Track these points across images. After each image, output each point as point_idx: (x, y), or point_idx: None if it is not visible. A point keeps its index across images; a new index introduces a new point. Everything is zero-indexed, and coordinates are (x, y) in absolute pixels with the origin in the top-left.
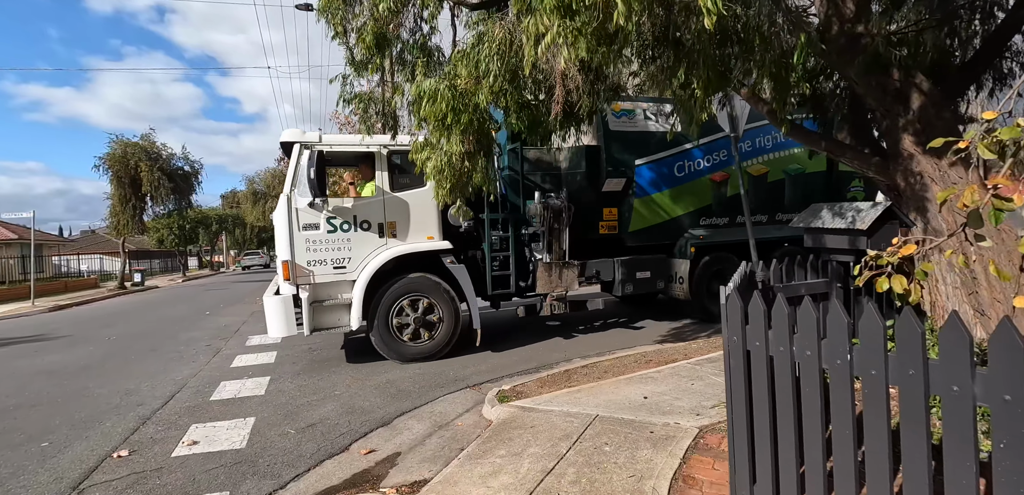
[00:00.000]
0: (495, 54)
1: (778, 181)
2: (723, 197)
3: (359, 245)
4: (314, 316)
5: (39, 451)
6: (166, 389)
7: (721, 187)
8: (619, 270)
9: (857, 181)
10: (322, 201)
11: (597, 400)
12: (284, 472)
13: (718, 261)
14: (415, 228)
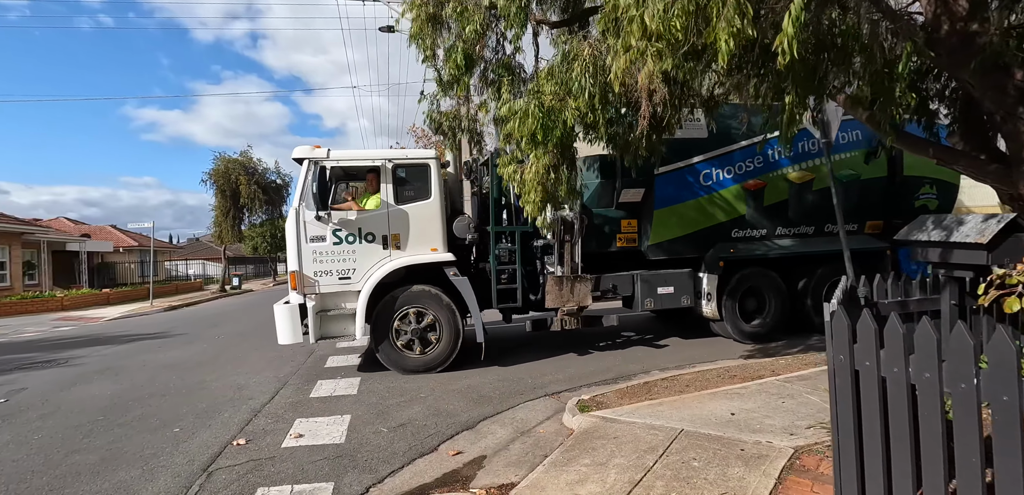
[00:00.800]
0: (585, 72)
1: (825, 189)
2: (760, 207)
3: (363, 257)
4: (320, 325)
5: (172, 436)
6: (271, 385)
7: (756, 196)
8: (639, 285)
9: (928, 188)
10: (326, 213)
11: (681, 414)
12: (380, 467)
13: (753, 277)
14: (419, 240)
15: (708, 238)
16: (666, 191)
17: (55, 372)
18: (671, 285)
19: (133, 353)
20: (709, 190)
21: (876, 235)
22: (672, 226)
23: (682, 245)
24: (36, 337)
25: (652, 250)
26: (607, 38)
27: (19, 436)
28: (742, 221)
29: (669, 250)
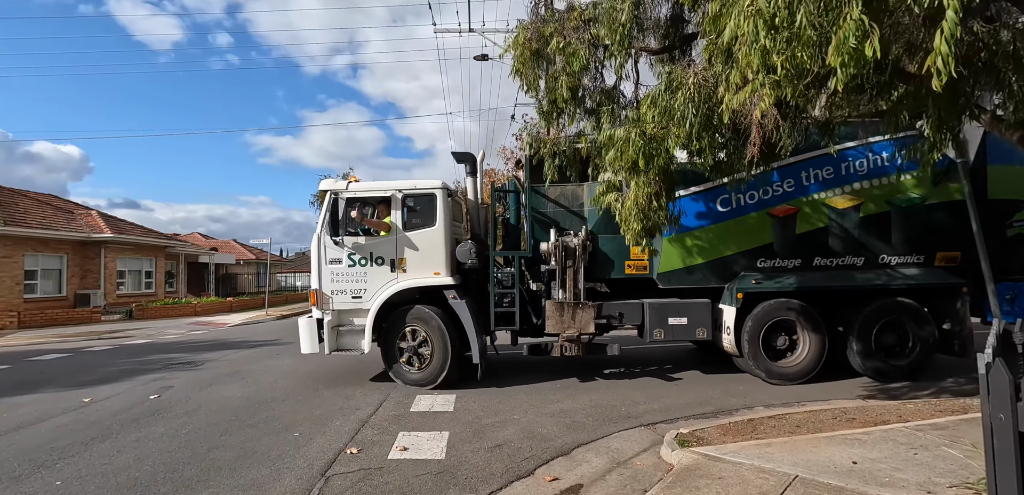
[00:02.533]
0: (689, 101)
1: (878, 214)
2: (792, 235)
3: (374, 278)
4: (336, 338)
5: (293, 440)
6: (374, 397)
7: (786, 223)
8: (648, 313)
9: None
10: (340, 239)
11: (794, 458)
12: (480, 487)
13: (780, 309)
14: (424, 264)
15: (728, 267)
16: (674, 218)
17: (194, 373)
18: (684, 316)
19: (255, 358)
20: (726, 217)
21: (951, 268)
22: (683, 254)
23: (697, 274)
24: (176, 339)
25: (662, 278)
26: (714, 65)
27: (170, 430)
28: (769, 250)
29: (682, 279)
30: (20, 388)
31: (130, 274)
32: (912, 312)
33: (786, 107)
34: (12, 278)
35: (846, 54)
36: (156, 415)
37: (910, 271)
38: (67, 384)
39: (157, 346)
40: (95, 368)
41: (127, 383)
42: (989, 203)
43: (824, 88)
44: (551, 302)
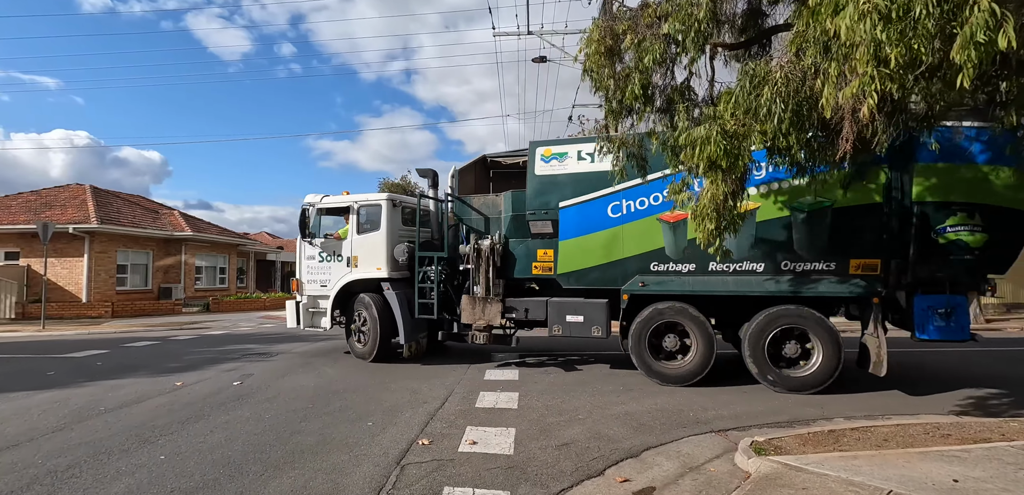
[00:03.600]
0: (776, 96)
1: (778, 219)
2: (682, 240)
3: (335, 271)
4: (310, 318)
5: (367, 428)
6: (440, 392)
7: (676, 229)
8: (549, 311)
9: (962, 217)
10: (310, 240)
11: (885, 473)
12: (551, 484)
13: (669, 312)
14: (370, 261)
15: (622, 270)
16: (570, 224)
17: (269, 363)
18: (581, 314)
19: (322, 352)
20: (618, 222)
21: (871, 277)
22: (577, 257)
23: (593, 275)
24: (249, 332)
25: (562, 278)
26: (805, 59)
27: (255, 414)
28: (661, 254)
29: (580, 279)
30: (120, 371)
31: (206, 270)
32: (818, 322)
33: (883, 101)
34: (107, 271)
35: (973, 47)
36: (240, 400)
37: (814, 279)
38: (159, 369)
39: (233, 337)
40: (181, 356)
41: (211, 370)
42: (916, 206)
43: (936, 79)
44: (466, 296)
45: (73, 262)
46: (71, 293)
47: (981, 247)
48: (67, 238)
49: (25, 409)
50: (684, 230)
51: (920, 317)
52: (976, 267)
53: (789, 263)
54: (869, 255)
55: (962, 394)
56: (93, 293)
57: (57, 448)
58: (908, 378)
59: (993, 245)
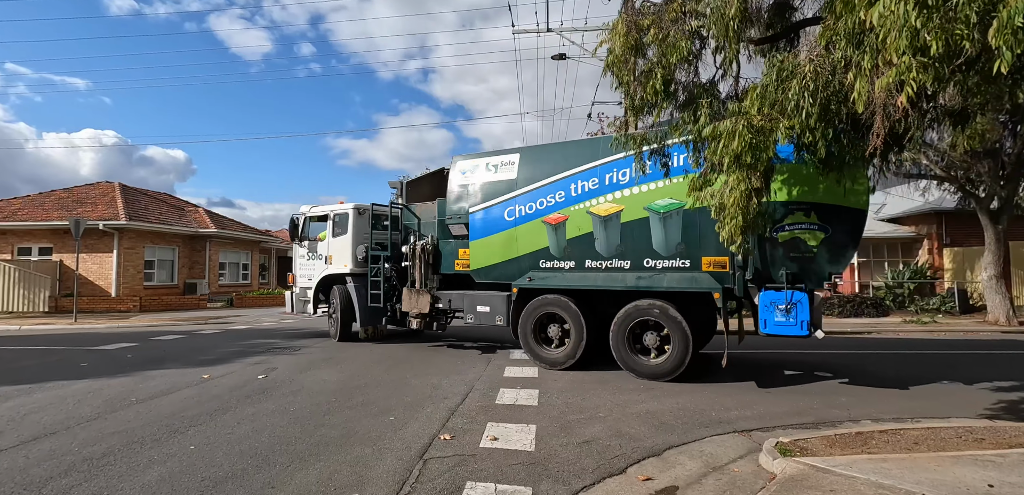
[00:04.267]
0: (805, 90)
1: (638, 220)
2: (563, 240)
3: (317, 267)
4: (301, 305)
5: (390, 423)
6: (460, 388)
7: (558, 230)
8: (465, 302)
9: (804, 216)
10: (300, 242)
11: (917, 477)
12: (573, 481)
13: (549, 304)
14: (340, 260)
15: (518, 266)
16: (477, 226)
17: (293, 357)
18: (488, 305)
19: (344, 347)
20: (512, 225)
21: (720, 274)
22: (482, 255)
23: (497, 271)
24: (271, 327)
25: (474, 274)
26: (835, 51)
27: (280, 407)
28: (547, 253)
29: (487, 275)
30: (149, 363)
31: (229, 266)
32: (667, 315)
33: (918, 95)
34: (135, 267)
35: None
36: (265, 393)
37: (668, 275)
38: (187, 362)
39: (256, 332)
40: (208, 349)
41: (237, 363)
42: (763, 206)
43: (973, 71)
44: (405, 288)
45: (103, 258)
46: (101, 288)
47: (819, 244)
48: (97, 234)
49: (61, 399)
50: (564, 231)
51: (764, 312)
52: (815, 264)
53: (651, 261)
54: (718, 254)
55: (994, 398)
56: (122, 288)
57: (92, 436)
58: (934, 381)
59: (830, 243)
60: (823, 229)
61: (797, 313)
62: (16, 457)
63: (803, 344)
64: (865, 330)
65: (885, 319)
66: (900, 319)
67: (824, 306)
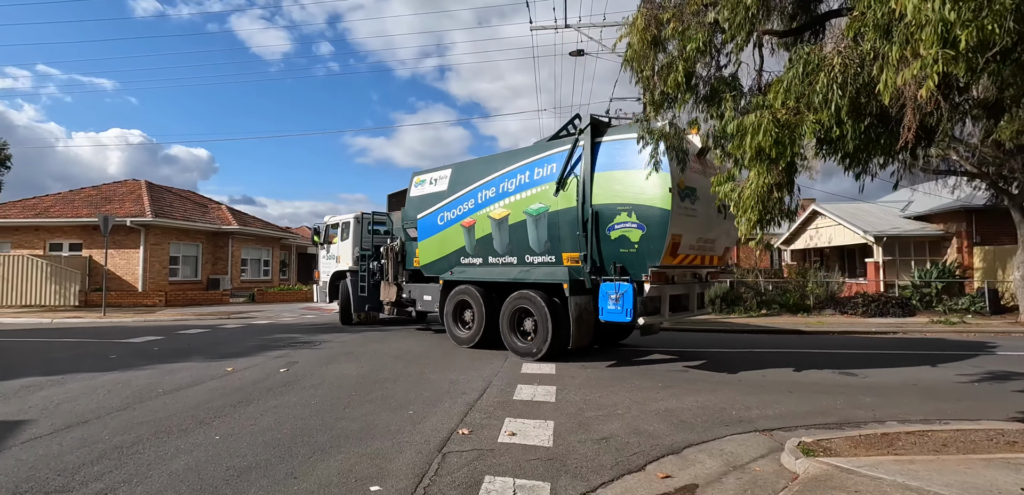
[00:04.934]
0: (833, 83)
1: (519, 222)
2: (473, 240)
3: (331, 265)
4: (323, 296)
5: (409, 417)
6: (478, 384)
7: (470, 232)
8: (416, 292)
9: (626, 216)
10: (322, 245)
11: (945, 479)
12: (591, 477)
13: (461, 294)
14: (345, 259)
15: (449, 262)
16: (422, 230)
17: (313, 352)
18: (430, 294)
19: (363, 342)
20: (443, 227)
21: (576, 268)
22: (426, 254)
23: (435, 267)
24: (292, 322)
25: (423, 269)
26: (864, 43)
27: (301, 399)
28: (467, 252)
29: (431, 270)
30: (175, 356)
31: (251, 262)
32: (535, 303)
33: (948, 86)
34: (160, 262)
35: None
36: (287, 386)
37: (538, 269)
38: (211, 355)
39: (277, 327)
40: (230, 343)
41: (259, 357)
42: (597, 208)
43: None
44: (383, 282)
45: (130, 253)
46: (128, 282)
47: (639, 240)
48: (124, 231)
49: (92, 389)
50: (474, 233)
51: (601, 300)
52: (637, 257)
53: (529, 257)
54: (573, 251)
55: None
56: (148, 283)
57: (122, 425)
58: (963, 382)
59: (646, 238)
60: (640, 227)
61: (623, 302)
62: (50, 444)
63: (824, 342)
64: (890, 330)
65: (911, 319)
66: (927, 319)
67: (657, 300)
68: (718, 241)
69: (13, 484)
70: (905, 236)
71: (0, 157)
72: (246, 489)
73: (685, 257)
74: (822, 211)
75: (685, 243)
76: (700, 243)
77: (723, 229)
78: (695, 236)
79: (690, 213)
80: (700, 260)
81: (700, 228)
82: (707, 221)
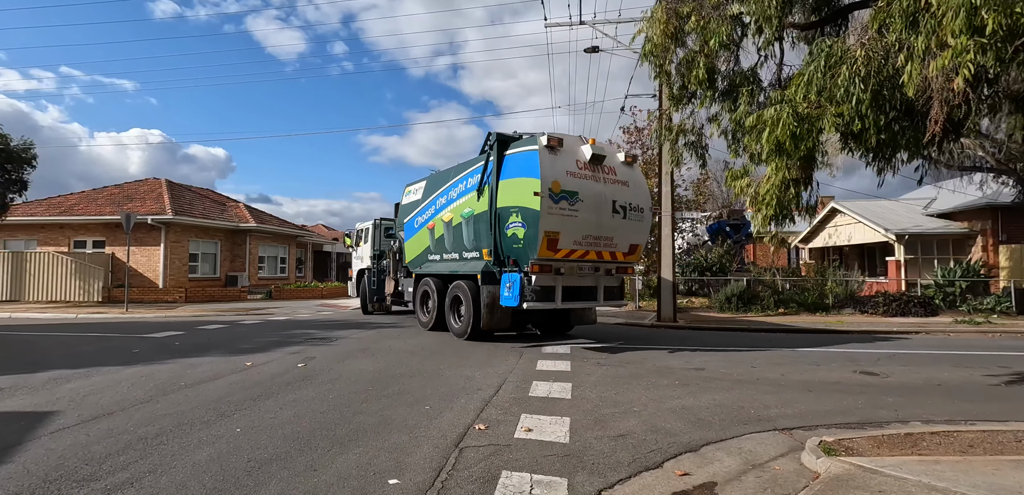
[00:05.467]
0: (856, 76)
1: (458, 224)
2: (434, 239)
3: (359, 262)
4: (354, 291)
5: (425, 412)
6: (493, 380)
7: (432, 233)
8: (404, 284)
9: (516, 217)
10: (355, 247)
11: (972, 480)
12: (608, 474)
13: (426, 284)
14: (366, 259)
15: (423, 259)
16: (406, 231)
17: (330, 347)
18: (412, 287)
19: (378, 338)
20: (418, 230)
21: (489, 261)
22: (409, 253)
23: (415, 263)
24: (308, 318)
25: (408, 266)
26: (889, 35)
27: (319, 394)
28: (430, 250)
29: (412, 266)
30: (196, 351)
31: (268, 259)
32: (464, 291)
33: (977, 79)
34: (180, 260)
35: None
36: (305, 381)
37: (468, 263)
38: (230, 350)
39: (294, 323)
40: (249, 338)
41: (277, 352)
42: (499, 210)
43: None
44: (387, 277)
45: (151, 251)
46: (149, 279)
47: (524, 236)
48: (145, 228)
49: (117, 382)
50: (434, 234)
51: (502, 289)
52: (523, 252)
53: (466, 254)
54: (486, 247)
55: None
56: (168, 279)
57: (146, 418)
58: (989, 383)
59: (528, 236)
60: (523, 226)
61: (513, 290)
62: (78, 434)
63: (843, 342)
64: (912, 330)
65: (934, 319)
66: (950, 319)
67: (550, 290)
68: (618, 239)
69: (44, 472)
70: (928, 234)
71: (27, 157)
72: (267, 480)
73: (571, 252)
74: (841, 209)
75: (566, 240)
76: (588, 240)
77: (624, 228)
78: (580, 233)
79: (568, 213)
80: (595, 255)
81: (585, 227)
82: (595, 220)
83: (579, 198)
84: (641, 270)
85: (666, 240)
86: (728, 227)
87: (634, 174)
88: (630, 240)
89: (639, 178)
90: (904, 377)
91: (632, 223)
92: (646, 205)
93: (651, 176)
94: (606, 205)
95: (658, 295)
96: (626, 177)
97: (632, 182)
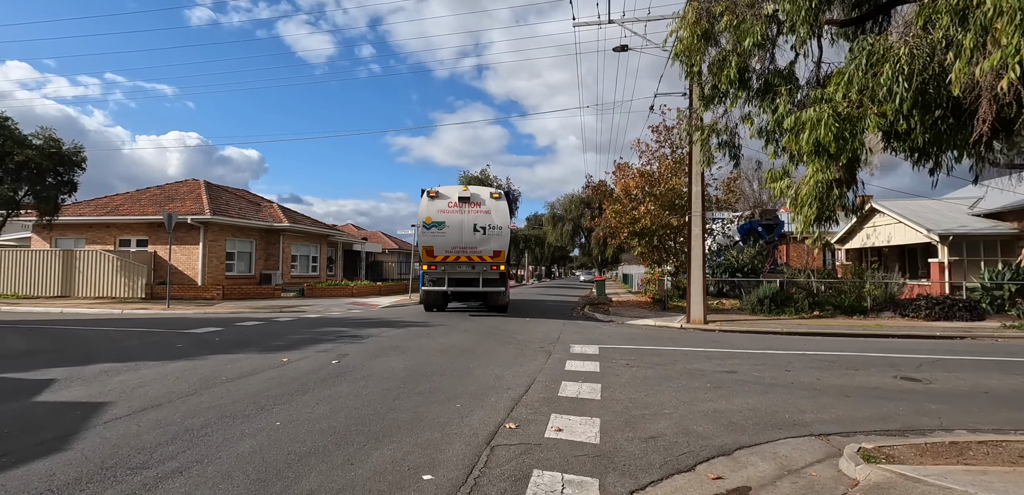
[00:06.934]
0: (899, 74)
1: None
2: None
3: None
4: None
5: (456, 410)
6: (522, 380)
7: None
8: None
9: (497, 228)
10: (417, 254)
11: (1023, 492)
12: (640, 475)
13: None
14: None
15: None
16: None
17: (362, 344)
18: None
19: (409, 337)
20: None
21: None
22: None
23: None
24: (340, 316)
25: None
26: (936, 31)
27: (353, 390)
28: None
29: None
30: (235, 347)
31: (300, 258)
32: None
33: None
34: (218, 258)
35: None
36: (339, 377)
37: None
38: (267, 347)
39: (326, 320)
40: (284, 335)
41: (311, 349)
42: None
43: None
44: None
45: (190, 249)
46: (189, 277)
47: (417, 248)
48: (185, 228)
49: (162, 375)
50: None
51: (421, 277)
52: (421, 258)
53: None
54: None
55: None
56: (207, 277)
57: (191, 410)
58: None
59: (417, 248)
60: (416, 242)
61: (421, 278)
62: (129, 425)
63: (883, 346)
64: (957, 334)
65: (980, 323)
66: (998, 324)
67: (441, 278)
68: (481, 248)
69: (100, 459)
70: (974, 235)
71: (77, 160)
72: (307, 472)
73: (446, 256)
74: (880, 208)
75: (440, 249)
76: (456, 249)
77: (485, 240)
78: (449, 245)
79: (438, 235)
80: (466, 258)
81: (450, 242)
82: (458, 237)
83: (446, 225)
84: (670, 271)
85: (696, 240)
86: (760, 227)
87: (497, 205)
88: (492, 247)
89: (501, 206)
90: (948, 384)
91: (491, 236)
92: (504, 224)
93: (680, 174)
94: (468, 227)
95: (688, 296)
96: (490, 207)
97: (494, 210)
